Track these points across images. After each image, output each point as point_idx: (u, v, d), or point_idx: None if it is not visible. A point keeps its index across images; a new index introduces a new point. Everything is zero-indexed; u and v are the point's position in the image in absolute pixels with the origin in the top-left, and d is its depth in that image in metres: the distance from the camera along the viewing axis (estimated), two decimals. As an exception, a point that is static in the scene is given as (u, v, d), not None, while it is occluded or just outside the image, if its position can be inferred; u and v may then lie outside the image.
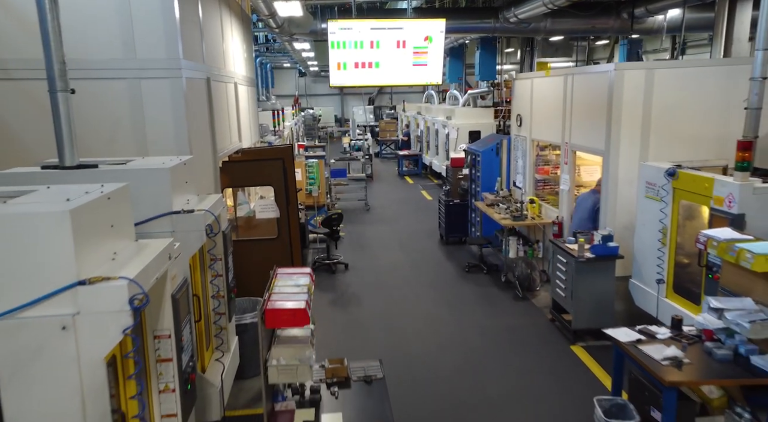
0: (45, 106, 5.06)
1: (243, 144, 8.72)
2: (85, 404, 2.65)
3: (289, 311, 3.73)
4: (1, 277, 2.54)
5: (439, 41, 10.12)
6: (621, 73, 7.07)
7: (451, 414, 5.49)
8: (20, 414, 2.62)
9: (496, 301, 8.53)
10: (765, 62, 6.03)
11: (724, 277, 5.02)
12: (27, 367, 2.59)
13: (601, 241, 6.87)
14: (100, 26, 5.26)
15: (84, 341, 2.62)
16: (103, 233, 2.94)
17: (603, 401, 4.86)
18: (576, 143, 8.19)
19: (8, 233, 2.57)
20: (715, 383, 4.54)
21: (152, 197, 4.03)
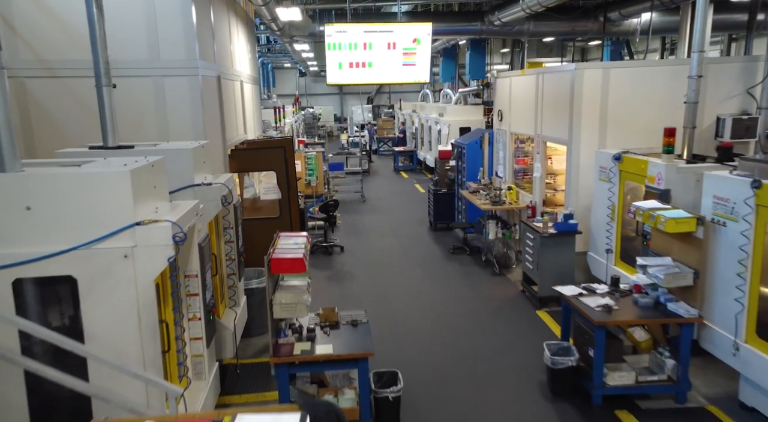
0: (82, 99, 6.11)
1: (248, 136, 9.71)
2: (140, 313, 3.63)
3: (290, 260, 4.70)
4: (81, 219, 3.52)
5: (427, 43, 11.07)
6: (581, 72, 8.04)
7: (427, 363, 6.45)
8: (94, 320, 3.60)
9: (476, 277, 9.50)
10: (700, 63, 7.04)
11: (652, 242, 6.00)
12: (99, 285, 3.56)
13: (563, 219, 7.84)
14: (130, 32, 6.23)
15: (139, 266, 3.60)
16: (149, 192, 3.93)
17: (551, 345, 5.82)
18: (546, 135, 9.16)
19: (85, 187, 3.56)
20: (636, 322, 5.52)
21: (178, 172, 5.03)
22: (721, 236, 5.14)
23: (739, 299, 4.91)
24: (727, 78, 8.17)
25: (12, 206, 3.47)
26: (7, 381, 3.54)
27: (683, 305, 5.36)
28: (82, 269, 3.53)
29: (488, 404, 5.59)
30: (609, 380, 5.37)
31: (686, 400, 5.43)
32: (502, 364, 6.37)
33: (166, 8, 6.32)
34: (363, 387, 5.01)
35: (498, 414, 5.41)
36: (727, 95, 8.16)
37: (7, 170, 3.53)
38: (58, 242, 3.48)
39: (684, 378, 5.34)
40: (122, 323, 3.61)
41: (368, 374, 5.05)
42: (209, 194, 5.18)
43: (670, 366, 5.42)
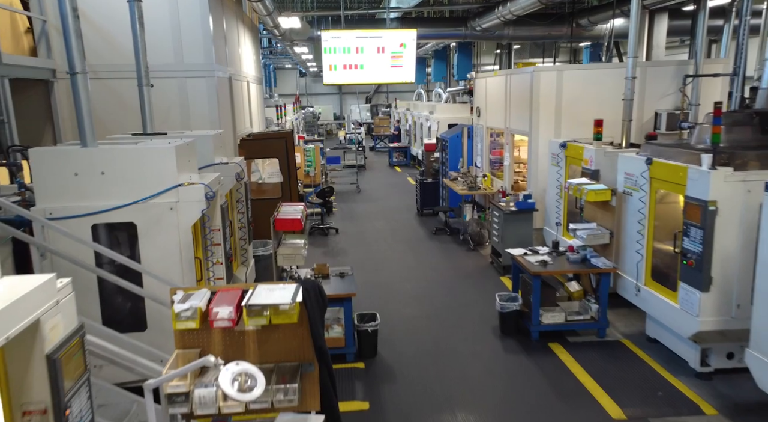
0: (119, 96, 7.48)
1: (253, 129, 11.10)
2: (181, 251, 5.00)
3: (290, 220, 6.09)
4: (140, 181, 4.89)
5: (412, 47, 12.45)
6: (538, 73, 9.42)
7: (403, 312, 7.82)
8: (148, 254, 4.97)
9: (453, 252, 10.88)
10: (634, 66, 8.40)
11: (585, 212, 7.38)
12: (152, 228, 4.94)
13: (522, 199, 9.22)
14: (159, 42, 7.60)
15: (181, 216, 4.96)
16: (186, 164, 5.31)
17: (502, 295, 7.19)
18: (512, 128, 10.54)
19: (144, 158, 4.93)
20: (561, 272, 6.94)
21: (203, 153, 6.39)
22: (628, 204, 6.52)
23: (639, 251, 6.30)
24: (664, 79, 9.54)
25: (91, 171, 4.84)
26: (86, 296, 4.92)
27: (602, 260, 6.75)
28: (140, 217, 4.91)
29: (450, 340, 6.97)
30: (544, 319, 6.74)
31: (605, 335, 6.81)
32: (465, 314, 7.75)
33: (188, 20, 7.71)
34: (348, 322, 6.39)
35: (457, 347, 6.78)
36: (664, 93, 9.53)
37: (88, 146, 4.92)
38: (123, 198, 4.86)
39: (603, 318, 6.72)
40: (168, 258, 4.98)
41: (352, 312, 6.42)
42: (227, 170, 6.55)
43: (594, 309, 6.79)
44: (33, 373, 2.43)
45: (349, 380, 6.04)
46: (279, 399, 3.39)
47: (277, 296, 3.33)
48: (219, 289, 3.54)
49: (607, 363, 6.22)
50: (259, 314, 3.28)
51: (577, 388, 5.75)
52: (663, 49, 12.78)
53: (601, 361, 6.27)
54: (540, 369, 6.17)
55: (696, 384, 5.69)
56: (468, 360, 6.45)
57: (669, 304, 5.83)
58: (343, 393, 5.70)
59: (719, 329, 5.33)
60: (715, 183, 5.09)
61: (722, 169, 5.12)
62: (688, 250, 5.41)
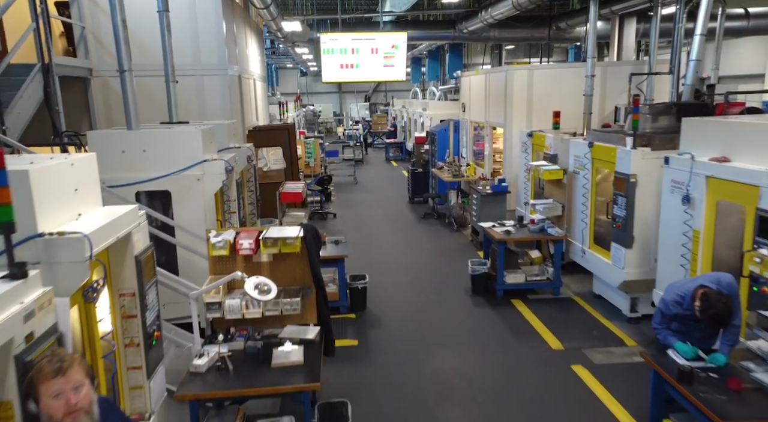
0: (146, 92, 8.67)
1: (259, 122, 12.33)
2: (206, 214, 6.24)
3: (293, 193, 7.33)
4: (174, 157, 6.11)
5: (403, 48, 13.69)
6: (512, 72, 10.66)
7: (390, 277, 9.05)
8: (180, 216, 6.21)
9: (439, 234, 12.12)
10: (593, 65, 9.64)
11: (546, 190, 8.62)
12: (183, 194, 6.17)
13: (497, 182, 10.45)
14: (180, 44, 8.79)
15: (206, 184, 6.20)
16: (209, 145, 6.55)
17: (474, 261, 8.43)
18: (491, 121, 11.78)
19: (177, 139, 6.16)
20: (520, 239, 8.15)
21: (219, 138, 7.61)
22: (576, 181, 7.76)
23: (584, 220, 7.54)
24: (623, 77, 10.71)
25: (135, 149, 6.07)
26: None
27: (556, 229, 7.99)
28: (174, 186, 6.14)
29: (429, 298, 8.21)
30: (507, 279, 7.97)
31: (560, 293, 8.05)
32: (443, 279, 8.99)
33: (205, 26, 8.94)
34: (341, 280, 7.63)
35: (434, 303, 8.02)
36: (622, 90, 10.73)
37: (133, 129, 6.16)
38: (160, 170, 6.08)
39: (557, 278, 7.95)
40: (196, 219, 6.21)
41: (344, 271, 7.65)
42: (240, 153, 7.78)
43: (550, 272, 8.03)
44: (126, 268, 3.67)
45: (343, 326, 7.28)
46: (286, 309, 4.63)
47: (285, 232, 4.58)
48: (241, 230, 4.79)
49: (557, 313, 7.46)
50: (273, 245, 4.53)
51: (528, 330, 7.00)
52: (632, 50, 14.00)
53: (552, 312, 7.51)
54: (501, 317, 7.41)
55: (625, 327, 6.93)
56: (442, 312, 7.69)
57: (604, 261, 7.07)
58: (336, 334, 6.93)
59: (640, 278, 6.56)
60: (635, 160, 6.33)
61: (641, 149, 6.35)
62: (616, 215, 6.65)
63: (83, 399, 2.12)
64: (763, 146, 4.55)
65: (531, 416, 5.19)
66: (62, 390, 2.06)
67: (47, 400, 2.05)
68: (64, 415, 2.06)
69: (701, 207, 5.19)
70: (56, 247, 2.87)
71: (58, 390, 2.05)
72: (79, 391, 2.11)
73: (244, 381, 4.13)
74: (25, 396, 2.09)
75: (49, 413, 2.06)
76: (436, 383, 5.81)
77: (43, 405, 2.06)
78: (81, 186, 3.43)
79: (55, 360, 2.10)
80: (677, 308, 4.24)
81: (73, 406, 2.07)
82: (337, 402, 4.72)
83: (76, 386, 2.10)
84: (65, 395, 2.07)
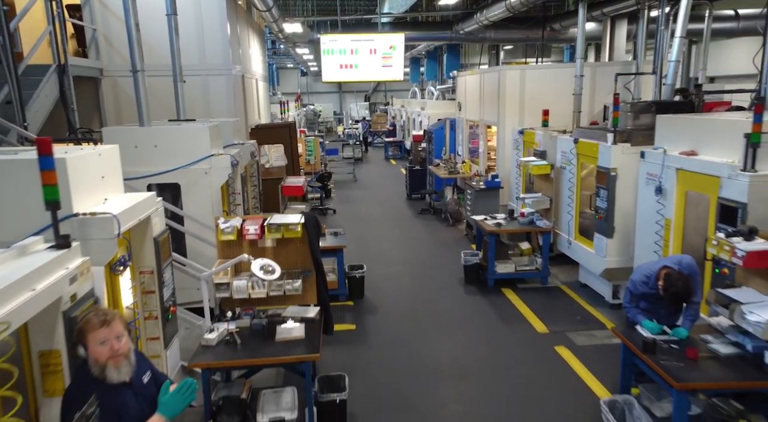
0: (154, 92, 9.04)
1: (261, 121, 12.75)
2: (212, 205, 6.66)
3: (294, 186, 7.74)
4: (182, 152, 6.53)
5: (400, 49, 14.10)
6: (505, 72, 11.07)
7: (388, 268, 9.47)
8: (189, 207, 6.63)
9: (434, 228, 12.54)
10: (581, 66, 10.06)
11: (535, 185, 9.04)
12: (192, 187, 6.60)
13: (491, 178, 10.87)
14: (187, 45, 9.20)
15: (213, 178, 6.63)
16: (215, 141, 6.97)
17: (466, 252, 8.85)
18: (485, 119, 12.19)
19: (185, 135, 6.59)
20: (509, 231, 8.56)
21: (225, 135, 8.02)
22: (563, 176, 8.18)
23: (570, 212, 7.96)
24: (612, 77, 11.14)
25: (147, 144, 6.49)
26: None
27: (544, 221, 8.41)
28: (183, 179, 6.56)
29: (423, 288, 8.63)
30: (498, 269, 8.39)
31: (548, 283, 8.46)
32: (438, 271, 9.41)
33: (210, 28, 9.36)
34: (340, 269, 8.05)
35: (428, 292, 8.44)
36: (611, 90, 11.13)
37: (144, 125, 6.58)
38: (170, 164, 6.50)
39: (545, 268, 8.37)
40: (203, 210, 6.63)
41: (343, 262, 8.07)
42: (244, 148, 8.20)
43: (539, 262, 8.45)
44: (145, 249, 4.09)
45: (341, 312, 7.70)
46: (288, 289, 5.06)
47: (288, 219, 5.00)
48: (247, 217, 5.21)
49: (544, 300, 7.88)
50: (276, 231, 4.95)
51: (517, 316, 7.42)
52: (623, 51, 14.40)
53: (539, 299, 7.93)
54: (491, 304, 7.83)
55: (607, 312, 7.35)
56: (436, 300, 8.11)
57: (588, 251, 7.49)
58: (335, 319, 7.35)
59: (621, 266, 6.97)
60: (615, 155, 6.74)
61: (621, 144, 6.77)
62: (599, 207, 7.07)
63: (123, 346, 2.54)
64: (725, 141, 4.97)
65: (515, 390, 5.60)
66: (107, 338, 2.48)
67: (94, 346, 2.47)
68: (107, 358, 2.48)
69: (672, 197, 5.61)
70: (89, 225, 3.30)
71: (103, 338, 2.47)
72: (120, 340, 2.53)
73: (250, 353, 4.55)
74: (75, 344, 2.50)
75: (96, 357, 2.48)
76: (429, 361, 6.23)
77: (91, 351, 2.47)
78: (107, 174, 3.86)
79: (101, 314, 2.52)
80: (644, 288, 4.66)
81: (115, 351, 2.49)
82: (336, 375, 5.13)
83: (118, 335, 2.52)
84: (109, 342, 2.49)
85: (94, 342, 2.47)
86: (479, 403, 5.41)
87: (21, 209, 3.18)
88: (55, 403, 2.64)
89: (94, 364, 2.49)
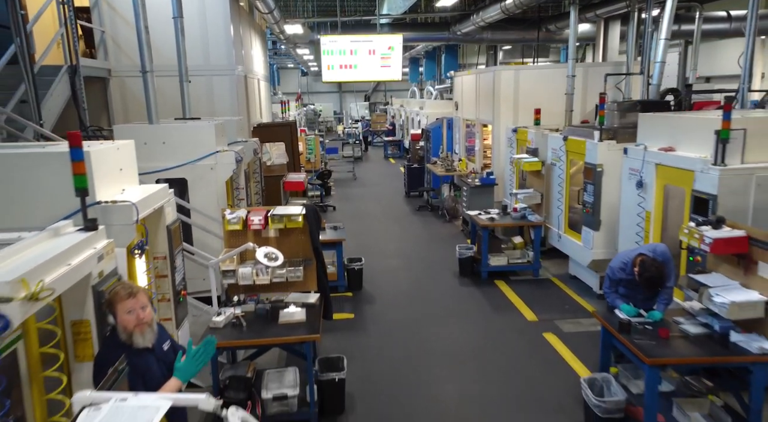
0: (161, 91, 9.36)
1: (262, 120, 13.09)
2: (218, 199, 7.00)
3: (295, 182, 8.08)
4: (190, 148, 6.88)
5: (399, 50, 14.43)
6: (499, 72, 11.41)
7: (385, 262, 9.80)
8: (195, 200, 6.97)
9: (432, 224, 12.88)
10: (573, 66, 10.39)
11: (527, 181, 9.38)
12: (199, 181, 6.94)
13: (486, 175, 11.21)
14: (192, 46, 9.54)
15: (218, 173, 6.97)
16: (221, 138, 7.31)
17: (461, 246, 9.19)
18: (481, 118, 12.53)
19: (192, 133, 6.93)
20: (502, 225, 8.91)
21: (229, 133, 8.37)
22: (554, 172, 8.52)
23: (560, 207, 8.30)
24: (603, 77, 11.49)
25: (156, 141, 6.83)
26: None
27: (536, 216, 8.75)
28: (189, 174, 6.89)
29: (419, 280, 8.98)
30: (491, 262, 8.73)
31: (539, 275, 8.80)
32: (434, 264, 9.75)
33: (214, 29, 9.70)
34: (339, 261, 8.39)
35: (424, 284, 8.79)
36: (602, 89, 11.48)
37: (153, 123, 6.93)
38: (178, 160, 6.84)
39: (536, 261, 8.71)
40: (209, 204, 6.97)
41: (342, 254, 8.41)
42: (247, 146, 8.54)
43: (531, 255, 8.79)
44: (159, 236, 4.43)
45: (341, 302, 8.03)
46: (291, 276, 5.40)
47: (290, 210, 5.35)
48: (252, 209, 5.56)
49: (534, 291, 8.22)
50: (279, 221, 5.30)
51: (508, 305, 7.76)
52: (617, 52, 14.73)
53: (530, 290, 8.27)
54: (484, 295, 8.17)
55: (594, 302, 7.69)
56: (431, 291, 8.46)
57: (577, 244, 7.84)
58: (334, 308, 7.69)
59: (606, 258, 7.29)
60: (601, 151, 7.08)
61: (607, 142, 7.11)
62: (586, 201, 7.41)
63: (147, 315, 2.88)
64: (699, 137, 5.31)
65: (504, 371, 5.95)
66: (133, 308, 2.82)
67: (123, 315, 2.81)
68: (134, 326, 2.83)
69: (652, 191, 5.95)
70: (111, 212, 3.65)
71: (130, 308, 2.81)
72: (145, 310, 2.87)
73: (255, 334, 4.89)
74: (104, 313, 2.85)
75: (124, 324, 2.82)
76: (423, 347, 6.57)
77: (119, 319, 2.82)
78: (124, 167, 4.20)
79: (127, 287, 2.87)
80: (621, 274, 5.00)
81: (140, 320, 2.84)
82: (335, 357, 5.47)
83: (143, 306, 2.87)
84: (135, 312, 2.83)
85: (122, 311, 2.81)
86: (470, 383, 5.75)
87: (50, 197, 3.53)
88: (86, 367, 2.98)
89: (122, 331, 2.83)
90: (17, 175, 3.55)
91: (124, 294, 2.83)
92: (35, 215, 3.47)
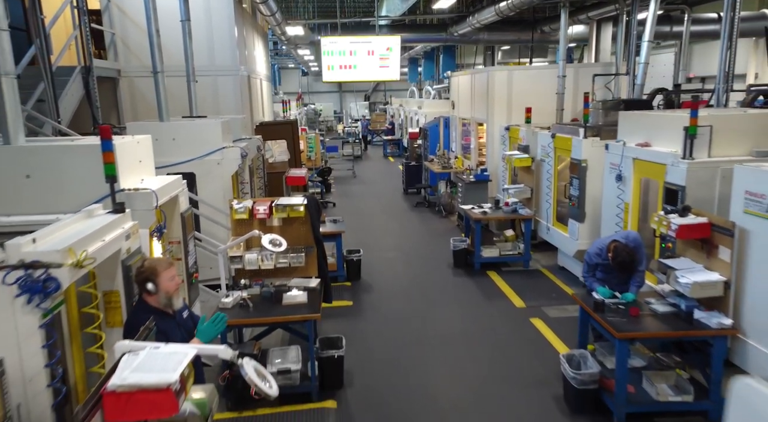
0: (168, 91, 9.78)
1: (264, 119, 13.52)
2: (224, 192, 7.44)
3: (297, 177, 8.51)
4: (198, 144, 7.31)
5: (397, 51, 14.88)
6: (493, 73, 11.84)
7: (382, 254, 10.23)
8: (203, 194, 7.40)
9: (429, 219, 13.31)
10: (564, 67, 10.81)
11: (519, 177, 9.81)
12: (206, 176, 7.39)
13: (480, 172, 11.64)
14: (198, 47, 9.98)
15: (224, 168, 7.42)
16: (227, 135, 7.75)
17: (455, 238, 9.61)
18: (476, 117, 12.96)
19: (200, 130, 7.37)
20: (494, 219, 9.33)
21: (233, 130, 8.79)
22: (543, 168, 8.95)
23: (548, 201, 8.73)
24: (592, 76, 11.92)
25: (166, 138, 7.25)
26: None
27: (526, 209, 9.19)
28: (198, 169, 7.32)
29: (415, 271, 9.41)
30: (483, 253, 9.16)
31: (529, 266, 9.24)
32: (429, 256, 10.19)
33: (219, 31, 10.13)
34: (338, 253, 8.82)
35: (420, 274, 9.22)
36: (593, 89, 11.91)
37: (163, 121, 7.36)
38: (187, 155, 7.27)
39: (527, 252, 9.14)
40: (216, 197, 7.40)
41: (341, 246, 8.84)
42: (251, 142, 8.98)
43: (521, 247, 9.22)
44: (174, 222, 4.86)
45: (340, 291, 8.47)
46: (293, 262, 5.84)
47: (292, 201, 5.79)
48: (257, 199, 6.00)
49: (524, 281, 8.66)
50: (282, 211, 5.73)
51: (499, 294, 8.19)
52: (609, 53, 15.14)
53: (520, 280, 8.70)
54: (476, 284, 8.61)
55: (580, 290, 8.09)
56: (426, 281, 8.89)
57: (564, 235, 8.27)
58: (333, 296, 8.13)
59: (591, 248, 7.74)
60: (585, 147, 7.51)
61: (591, 138, 7.54)
62: (572, 195, 7.84)
63: (179, 282, 3.34)
64: (671, 133, 5.73)
65: (492, 351, 6.38)
66: (173, 275, 3.28)
67: (166, 282, 3.27)
68: (174, 291, 3.29)
69: (630, 183, 6.38)
70: (133, 198, 4.08)
71: (172, 275, 3.28)
72: (180, 277, 3.33)
73: (261, 314, 5.32)
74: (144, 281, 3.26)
75: (167, 289, 3.28)
76: (418, 330, 7.01)
77: (163, 285, 3.26)
78: (143, 159, 4.64)
79: (164, 259, 3.33)
80: (597, 259, 5.43)
81: (178, 285, 3.30)
82: (334, 336, 5.90)
83: (177, 274, 3.33)
84: (176, 278, 3.29)
85: (166, 278, 3.27)
86: (460, 363, 6.19)
87: (80, 184, 3.97)
88: (116, 332, 3.42)
89: (164, 296, 3.29)
90: (53, 165, 3.98)
91: (166, 264, 3.29)
92: (68, 201, 3.91)
